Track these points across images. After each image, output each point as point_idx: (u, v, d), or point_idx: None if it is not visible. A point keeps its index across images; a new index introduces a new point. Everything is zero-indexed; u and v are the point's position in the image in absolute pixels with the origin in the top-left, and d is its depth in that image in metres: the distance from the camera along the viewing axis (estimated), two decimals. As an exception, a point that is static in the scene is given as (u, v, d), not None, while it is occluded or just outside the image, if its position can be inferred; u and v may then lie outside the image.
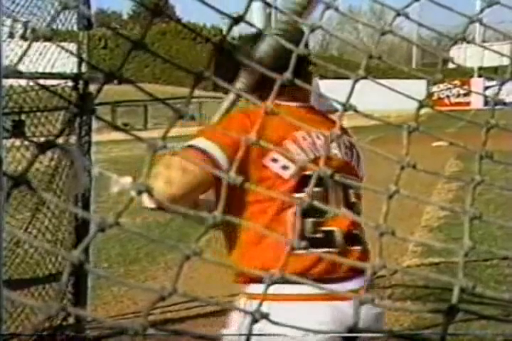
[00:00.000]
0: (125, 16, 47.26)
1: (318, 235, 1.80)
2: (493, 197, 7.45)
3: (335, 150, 1.91)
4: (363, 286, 1.76)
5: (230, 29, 0.51)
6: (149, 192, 0.43)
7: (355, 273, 1.79)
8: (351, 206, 1.89)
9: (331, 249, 1.81)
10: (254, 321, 0.42)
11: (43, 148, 0.41)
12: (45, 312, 0.36)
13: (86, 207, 3.53)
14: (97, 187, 3.47)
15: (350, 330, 1.73)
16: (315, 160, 1.82)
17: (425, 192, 7.77)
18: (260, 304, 0.45)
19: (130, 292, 4.65)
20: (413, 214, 6.90)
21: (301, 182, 1.79)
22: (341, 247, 1.81)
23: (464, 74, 28.62)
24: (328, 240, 1.81)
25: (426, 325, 3.92)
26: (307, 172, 1.78)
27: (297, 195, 1.78)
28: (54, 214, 3.53)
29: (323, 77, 27.27)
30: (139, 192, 0.43)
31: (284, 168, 1.82)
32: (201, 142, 1.78)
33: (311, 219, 1.80)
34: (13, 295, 0.41)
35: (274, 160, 1.81)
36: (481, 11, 0.54)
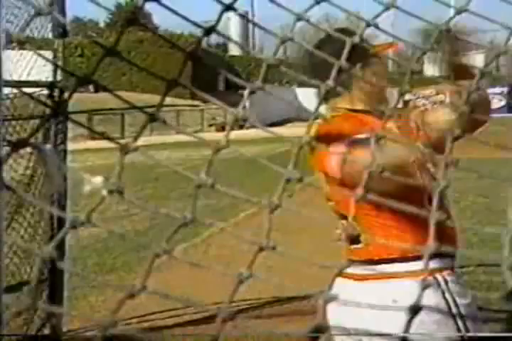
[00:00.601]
0: (102, 24, 47.15)
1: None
2: (468, 204, 7.52)
3: None
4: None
5: (201, 39, 0.51)
6: (120, 192, 0.44)
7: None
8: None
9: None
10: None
11: (16, 146, 0.41)
12: (16, 307, 0.36)
13: (62, 209, 3.51)
14: (74, 194, 3.45)
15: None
16: None
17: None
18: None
19: (107, 302, 4.61)
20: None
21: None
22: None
23: (439, 83, 28.86)
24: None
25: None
26: None
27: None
28: (30, 224, 3.50)
29: (301, 85, 27.41)
30: (110, 191, 0.44)
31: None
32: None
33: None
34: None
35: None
36: (450, 19, 0.55)
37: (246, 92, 0.48)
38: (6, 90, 3.37)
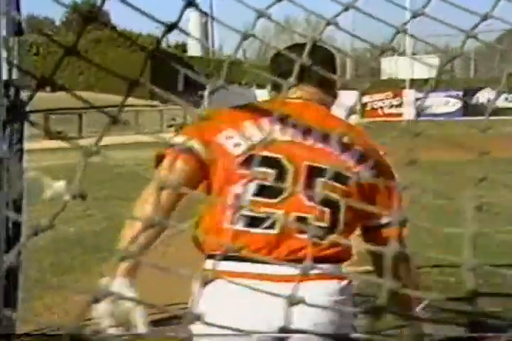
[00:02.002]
0: (58, 23, 46.50)
1: (258, 215, 1.81)
2: (424, 205, 7.63)
3: (315, 140, 1.91)
4: (296, 274, 1.77)
5: (163, 36, 0.51)
6: (83, 197, 0.43)
7: (294, 258, 1.77)
8: (315, 195, 1.86)
9: (267, 231, 1.80)
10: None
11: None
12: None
13: (17, 211, 3.44)
14: (29, 195, 3.39)
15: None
16: (277, 143, 1.84)
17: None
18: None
19: (63, 303, 4.55)
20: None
21: (251, 159, 1.81)
22: (282, 231, 1.80)
23: (396, 85, 29.33)
24: (265, 221, 1.80)
25: (361, 333, 3.97)
26: (262, 153, 1.82)
27: (243, 172, 1.81)
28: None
29: (260, 86, 27.46)
30: (74, 197, 0.43)
31: (237, 145, 1.85)
32: (179, 139, 1.92)
33: (252, 198, 1.81)
34: None
35: (228, 137, 1.86)
36: (407, 22, 0.56)
37: (207, 91, 0.48)
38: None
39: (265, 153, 1.82)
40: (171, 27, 0.49)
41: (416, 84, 27.96)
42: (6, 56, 3.38)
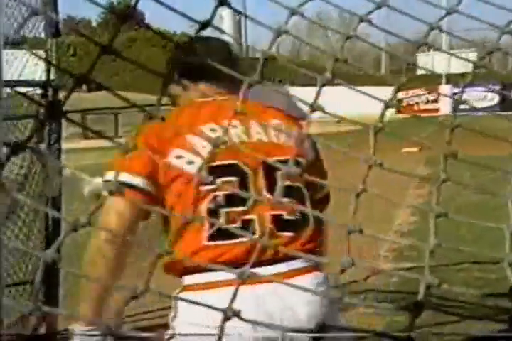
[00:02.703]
0: (94, 23, 47.07)
1: (236, 225, 1.77)
2: (463, 201, 7.53)
3: (258, 136, 1.89)
4: (289, 271, 1.77)
5: (197, 33, 0.51)
6: (121, 192, 0.43)
7: (283, 257, 1.75)
8: (283, 191, 1.83)
9: (245, 239, 1.75)
10: (227, 319, 0.42)
11: (15, 149, 0.41)
12: (19, 311, 0.36)
13: (57, 210, 3.50)
14: (68, 192, 3.45)
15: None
16: (226, 149, 1.77)
17: (395, 198, 7.83)
18: (232, 299, 0.46)
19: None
20: (384, 219, 6.96)
21: (210, 173, 1.76)
22: (263, 234, 1.77)
23: (432, 81, 29.01)
24: (245, 229, 1.77)
25: (399, 329, 3.95)
26: (217, 163, 1.78)
27: (207, 188, 1.77)
28: (24, 223, 3.49)
29: (293, 83, 27.41)
30: (111, 192, 0.44)
31: (190, 162, 1.80)
32: (111, 176, 1.82)
33: (225, 210, 1.78)
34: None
35: (179, 157, 1.80)
36: (441, 18, 0.55)
37: (244, 86, 0.48)
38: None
39: (220, 163, 1.79)
40: (204, 25, 0.49)
41: (452, 79, 27.60)
42: (44, 57, 3.44)
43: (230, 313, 0.41)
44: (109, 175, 1.83)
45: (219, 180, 1.78)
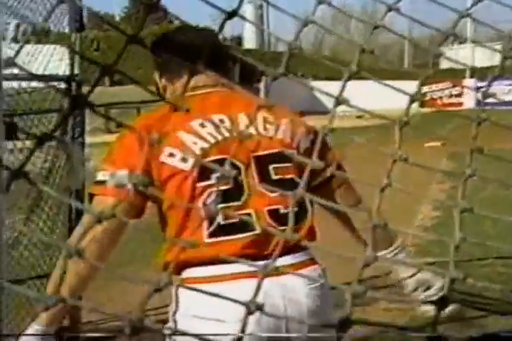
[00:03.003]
0: (117, 18, 47.25)
1: (233, 220, 1.77)
2: (487, 196, 7.47)
3: (247, 129, 1.86)
4: (292, 264, 1.78)
5: (223, 24, 0.51)
6: (145, 185, 0.44)
7: (285, 250, 1.75)
8: (275, 183, 1.82)
9: (247, 234, 1.78)
10: (250, 313, 0.42)
11: (41, 140, 0.41)
12: (44, 303, 0.36)
13: (80, 202, 3.53)
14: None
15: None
16: (217, 144, 1.81)
17: (418, 193, 7.78)
18: (254, 295, 0.46)
19: (125, 294, 4.64)
20: (406, 213, 6.92)
21: (205, 170, 1.76)
22: (262, 228, 1.77)
23: (456, 75, 28.74)
24: (244, 224, 1.77)
25: (421, 325, 3.93)
26: (209, 159, 1.77)
27: (203, 184, 1.77)
28: (48, 216, 3.53)
29: (315, 77, 27.32)
30: (135, 185, 0.44)
31: (183, 160, 1.79)
32: (105, 176, 1.79)
33: (221, 205, 1.77)
34: (17, 288, 0.41)
35: (171, 155, 1.79)
36: (472, 6, 0.55)
37: (268, 79, 0.48)
38: (24, 84, 3.39)
39: (212, 158, 1.78)
40: (230, 14, 0.49)
41: (477, 73, 27.31)
42: (68, 51, 3.46)
43: (253, 307, 0.41)
44: (103, 176, 1.81)
45: (214, 176, 1.77)
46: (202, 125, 1.84)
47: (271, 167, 1.85)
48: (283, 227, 1.78)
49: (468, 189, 0.54)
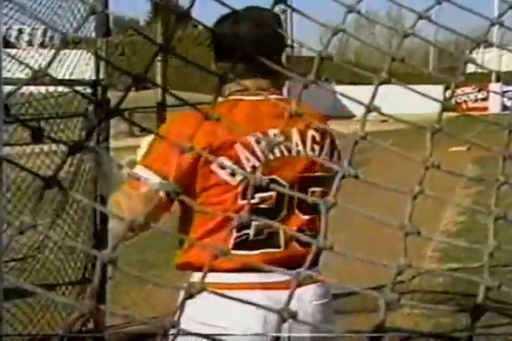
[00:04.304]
0: (142, 23, 47.59)
1: (261, 237, 1.81)
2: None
3: (297, 148, 1.88)
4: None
5: (273, 7, 0.51)
6: (177, 192, 0.44)
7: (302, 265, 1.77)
8: (310, 206, 1.84)
9: (270, 250, 1.81)
10: (283, 320, 0.42)
11: (73, 149, 0.41)
12: (80, 310, 0.36)
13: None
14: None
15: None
16: (267, 164, 1.82)
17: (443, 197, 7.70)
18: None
19: (148, 297, 4.66)
20: (431, 219, 6.87)
21: (247, 188, 1.76)
22: (285, 248, 1.82)
23: (481, 79, 28.52)
24: (271, 241, 1.82)
25: (445, 330, 3.90)
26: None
27: (245, 202, 1.78)
28: (73, 220, 3.56)
29: (339, 82, 27.26)
30: (167, 193, 0.44)
31: (232, 174, 1.79)
32: (143, 172, 1.78)
33: (256, 223, 1.79)
34: (49, 294, 0.42)
35: (222, 167, 1.78)
36: (502, 14, 0.54)
37: (300, 86, 0.48)
38: (51, 88, 3.42)
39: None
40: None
41: (503, 77, 27.06)
42: (94, 56, 3.49)
43: (286, 315, 0.41)
44: (142, 171, 1.79)
45: (258, 195, 1.79)
46: (257, 141, 1.82)
47: (310, 190, 1.87)
48: (304, 248, 1.81)
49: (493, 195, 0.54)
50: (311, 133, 1.90)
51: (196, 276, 1.84)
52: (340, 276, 4.06)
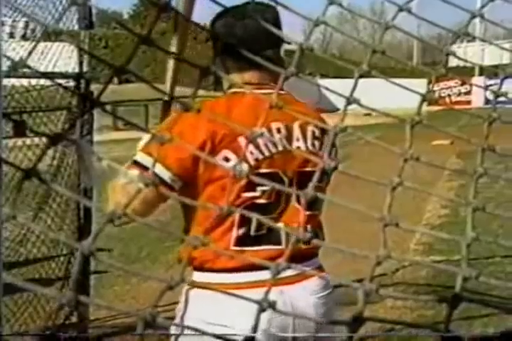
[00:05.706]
0: (125, 16, 47.28)
1: (262, 232, 1.81)
2: (493, 195, 7.45)
3: (297, 143, 1.88)
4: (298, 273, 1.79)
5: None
6: (156, 184, 0.44)
7: (301, 259, 1.81)
8: (310, 201, 1.83)
9: (272, 246, 1.81)
10: (262, 310, 0.43)
11: (53, 140, 0.41)
12: (59, 300, 0.36)
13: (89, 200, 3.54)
14: (101, 184, 3.48)
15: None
16: (270, 157, 1.82)
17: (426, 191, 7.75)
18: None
19: (132, 291, 4.65)
20: (413, 212, 6.91)
21: (253, 181, 1.76)
22: (287, 243, 1.80)
23: (465, 73, 28.65)
24: (271, 237, 1.81)
25: (428, 322, 3.93)
26: (260, 171, 1.79)
27: (248, 195, 1.79)
28: (57, 214, 3.54)
29: (323, 76, 27.28)
30: (146, 185, 0.44)
31: (235, 166, 1.78)
32: (143, 159, 1.78)
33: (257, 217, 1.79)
34: (29, 285, 0.42)
35: (226, 159, 1.78)
36: (483, 6, 0.55)
37: (280, 78, 0.48)
38: (33, 81, 3.40)
39: (264, 171, 1.80)
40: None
41: (485, 71, 27.20)
42: (77, 49, 3.47)
43: (265, 305, 0.41)
44: (141, 158, 1.79)
45: (259, 188, 1.79)
46: (261, 134, 1.81)
47: (310, 185, 1.85)
48: (305, 246, 1.79)
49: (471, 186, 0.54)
50: (311, 128, 1.91)
51: (196, 275, 1.83)
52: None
